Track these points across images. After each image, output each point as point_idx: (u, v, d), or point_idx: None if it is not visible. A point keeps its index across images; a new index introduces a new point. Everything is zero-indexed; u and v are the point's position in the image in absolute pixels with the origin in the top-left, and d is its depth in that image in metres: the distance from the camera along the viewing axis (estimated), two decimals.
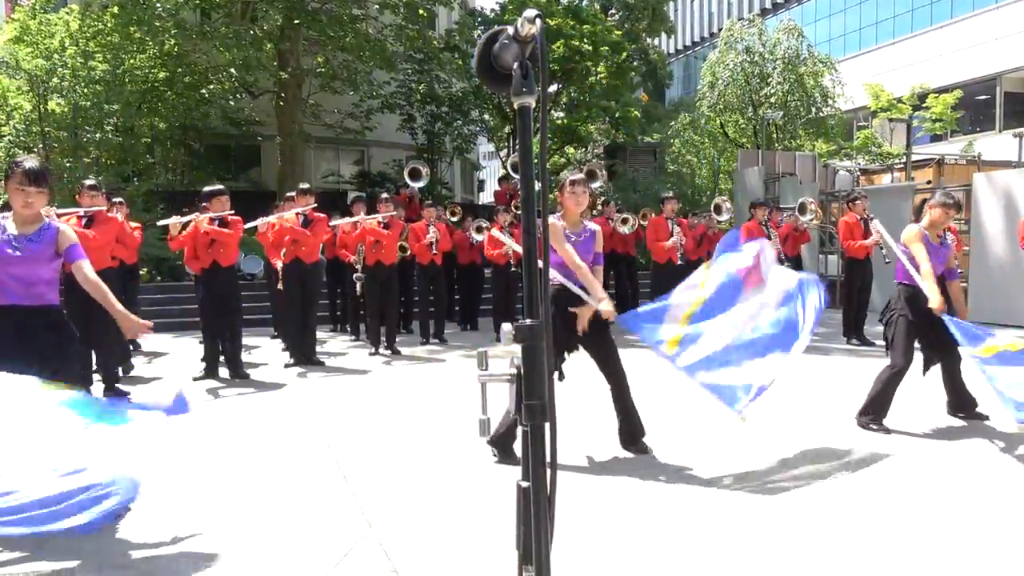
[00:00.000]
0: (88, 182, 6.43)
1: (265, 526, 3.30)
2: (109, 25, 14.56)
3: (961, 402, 5.10)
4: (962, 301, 5.49)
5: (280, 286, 7.97)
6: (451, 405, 5.80)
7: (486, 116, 22.39)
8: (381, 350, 8.42)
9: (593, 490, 3.77)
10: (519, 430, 1.36)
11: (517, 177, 12.35)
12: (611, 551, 3.02)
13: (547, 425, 1.34)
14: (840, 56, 30.24)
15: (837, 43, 35.11)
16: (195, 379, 7.00)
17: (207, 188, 7.11)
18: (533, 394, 1.32)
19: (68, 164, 14.25)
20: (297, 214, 7.69)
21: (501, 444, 4.20)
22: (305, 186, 7.89)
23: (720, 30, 30.42)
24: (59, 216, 5.19)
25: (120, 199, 7.58)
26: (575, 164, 24.30)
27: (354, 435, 4.93)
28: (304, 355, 7.73)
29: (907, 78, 26.19)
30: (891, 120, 23.18)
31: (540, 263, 1.36)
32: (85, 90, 14.27)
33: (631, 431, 4.39)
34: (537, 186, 1.37)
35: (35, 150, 14.28)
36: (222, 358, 7.09)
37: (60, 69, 13.91)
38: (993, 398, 4.38)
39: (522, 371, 1.33)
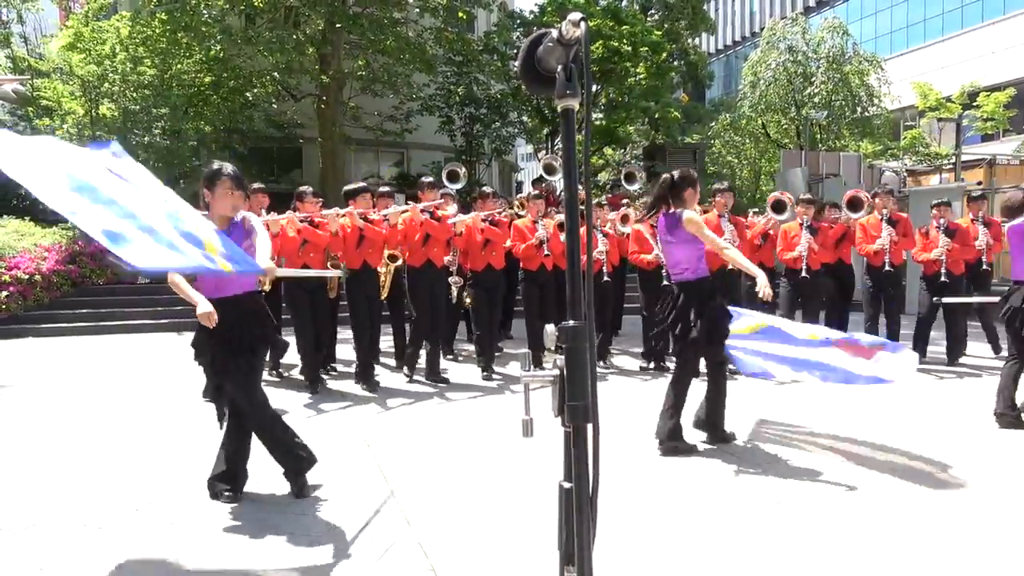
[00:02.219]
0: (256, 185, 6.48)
1: (306, 522, 3.35)
2: (157, 31, 14.95)
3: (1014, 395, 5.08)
4: None
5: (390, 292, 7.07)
6: (497, 408, 5.82)
7: (524, 118, 22.40)
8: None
9: (634, 490, 3.75)
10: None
11: (549, 179, 12.25)
12: (653, 553, 3.00)
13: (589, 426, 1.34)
14: (887, 54, 29.65)
15: (883, 41, 34.39)
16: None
17: (350, 187, 6.72)
18: (576, 396, 1.32)
19: None
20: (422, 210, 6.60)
21: (673, 435, 4.44)
22: (430, 179, 7.10)
23: (762, 29, 30.05)
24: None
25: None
26: (613, 165, 24.16)
27: (394, 434, 4.97)
28: (431, 370, 6.85)
29: (957, 76, 25.51)
30: (940, 120, 22.63)
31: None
32: (134, 95, 14.68)
33: (714, 422, 4.62)
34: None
35: None
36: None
37: (111, 75, 14.32)
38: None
39: (565, 373, 1.33)
